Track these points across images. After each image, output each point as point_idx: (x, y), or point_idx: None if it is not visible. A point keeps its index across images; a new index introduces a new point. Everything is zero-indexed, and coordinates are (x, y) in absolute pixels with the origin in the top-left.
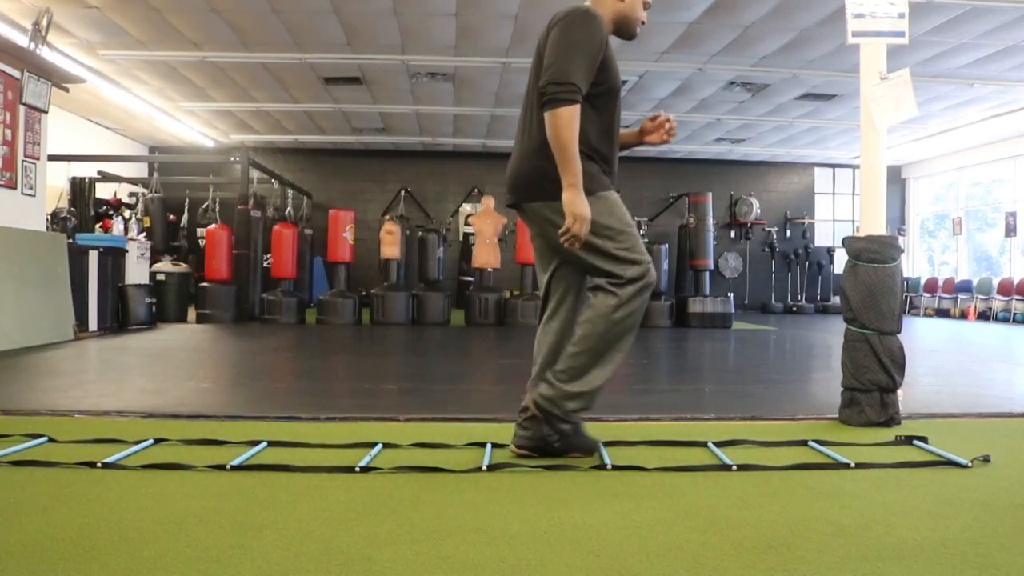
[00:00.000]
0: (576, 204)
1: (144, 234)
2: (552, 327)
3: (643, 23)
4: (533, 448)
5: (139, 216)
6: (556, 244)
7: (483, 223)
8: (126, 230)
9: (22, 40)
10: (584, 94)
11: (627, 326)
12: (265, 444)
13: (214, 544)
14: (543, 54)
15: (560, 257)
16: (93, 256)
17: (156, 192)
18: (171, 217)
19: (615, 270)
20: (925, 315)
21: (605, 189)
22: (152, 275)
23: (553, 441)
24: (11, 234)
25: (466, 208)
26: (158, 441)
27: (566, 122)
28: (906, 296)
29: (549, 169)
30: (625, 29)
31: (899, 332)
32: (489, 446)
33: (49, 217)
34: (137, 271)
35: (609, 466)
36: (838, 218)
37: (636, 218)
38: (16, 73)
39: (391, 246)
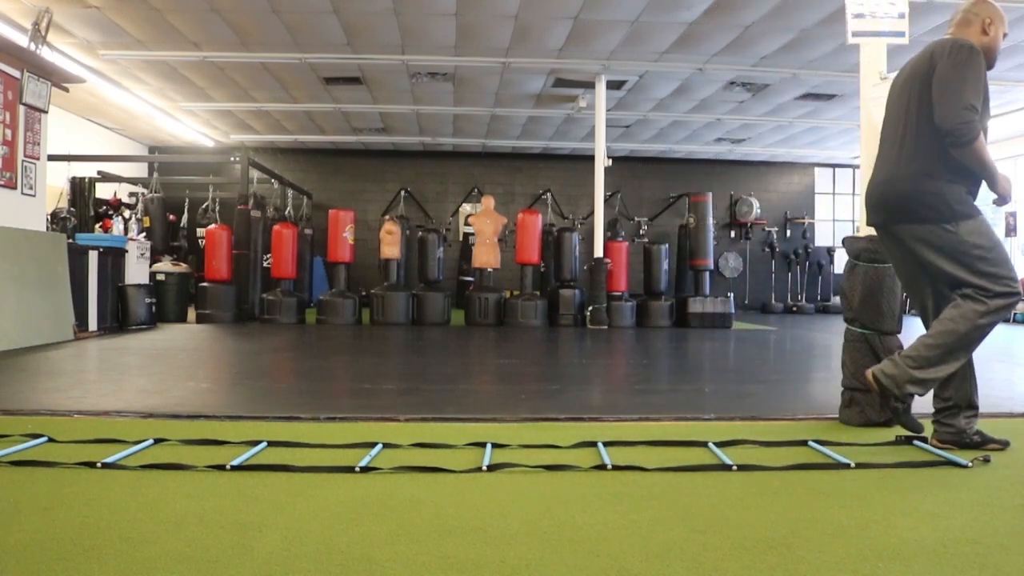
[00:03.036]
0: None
1: (144, 234)
2: None
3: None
4: (953, 442)
5: (139, 216)
6: (925, 262)
7: (483, 223)
8: (126, 230)
9: (22, 40)
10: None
11: (983, 333)
12: (265, 444)
13: (214, 544)
14: (922, 79)
15: (929, 275)
16: (93, 256)
17: (156, 192)
18: (171, 217)
19: (986, 284)
20: None
21: (975, 211)
22: (152, 275)
23: (972, 435)
24: (11, 234)
25: (466, 208)
26: (158, 441)
27: (982, 150)
28: (906, 296)
29: (926, 195)
30: (988, 61)
31: (899, 332)
32: (489, 446)
33: (49, 217)
34: (137, 271)
35: (609, 466)
36: (838, 218)
37: (636, 218)
38: (16, 73)
39: (391, 246)
